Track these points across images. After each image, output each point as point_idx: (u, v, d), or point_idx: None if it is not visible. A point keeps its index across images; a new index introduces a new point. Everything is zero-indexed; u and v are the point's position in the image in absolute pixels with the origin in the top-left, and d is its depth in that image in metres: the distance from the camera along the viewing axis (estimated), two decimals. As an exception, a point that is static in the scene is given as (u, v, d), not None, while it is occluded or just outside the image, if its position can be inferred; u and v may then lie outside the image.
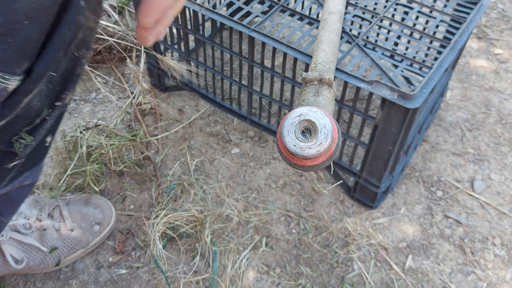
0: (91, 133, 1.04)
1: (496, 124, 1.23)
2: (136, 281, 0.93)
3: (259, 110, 1.09)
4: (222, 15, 0.93)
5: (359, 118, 1.20)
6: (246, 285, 0.93)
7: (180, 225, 0.97)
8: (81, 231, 0.93)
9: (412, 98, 0.77)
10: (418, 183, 1.10)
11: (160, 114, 1.22)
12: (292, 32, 0.91)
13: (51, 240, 0.91)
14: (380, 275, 0.95)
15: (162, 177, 1.08)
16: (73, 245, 0.93)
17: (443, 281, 0.95)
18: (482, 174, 1.12)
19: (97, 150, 1.03)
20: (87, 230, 0.94)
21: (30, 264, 0.89)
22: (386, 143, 0.87)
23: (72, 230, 0.93)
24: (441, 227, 1.02)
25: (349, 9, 0.98)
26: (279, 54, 1.35)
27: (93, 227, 0.95)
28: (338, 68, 0.81)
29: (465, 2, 0.98)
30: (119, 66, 1.34)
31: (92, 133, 1.04)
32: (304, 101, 0.48)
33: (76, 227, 0.94)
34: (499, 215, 1.05)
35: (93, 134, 1.03)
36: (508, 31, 1.50)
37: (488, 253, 0.99)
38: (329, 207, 1.05)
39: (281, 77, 0.95)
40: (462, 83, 1.33)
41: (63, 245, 0.92)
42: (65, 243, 0.92)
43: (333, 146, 0.41)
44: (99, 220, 0.96)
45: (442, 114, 1.24)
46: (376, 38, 1.02)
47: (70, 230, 0.93)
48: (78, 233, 0.93)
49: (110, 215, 0.98)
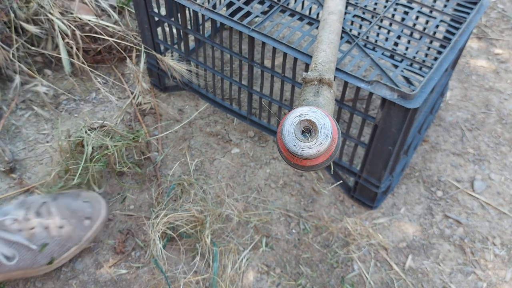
0: (96, 134, 1.03)
1: (496, 124, 1.23)
2: (136, 281, 0.93)
3: (259, 110, 1.09)
4: (222, 15, 0.93)
5: (359, 118, 1.20)
6: (246, 285, 0.93)
7: (180, 225, 0.97)
8: (71, 227, 0.92)
9: (412, 98, 0.77)
10: (418, 183, 1.10)
11: (160, 114, 1.22)
12: (292, 32, 0.91)
13: (40, 238, 0.89)
14: (380, 275, 0.95)
15: (162, 177, 1.08)
16: (64, 242, 0.91)
17: (443, 281, 0.95)
18: (482, 174, 1.12)
19: (102, 150, 1.03)
20: (77, 226, 0.92)
21: (21, 264, 0.87)
22: (386, 143, 0.87)
23: (61, 227, 0.91)
24: (441, 227, 1.02)
25: (349, 9, 0.98)
26: (279, 54, 1.35)
27: (83, 222, 0.93)
28: (338, 68, 0.81)
29: (465, 2, 0.98)
30: (119, 66, 1.34)
31: (98, 134, 1.03)
32: (304, 101, 0.48)
33: (66, 224, 0.92)
34: (499, 215, 1.05)
35: (98, 134, 1.03)
36: (508, 31, 1.50)
37: (488, 253, 0.99)
38: (329, 207, 1.05)
39: (281, 77, 0.95)
40: (462, 83, 1.33)
41: (54, 243, 0.90)
42: (55, 241, 0.90)
43: (333, 146, 0.41)
44: (88, 214, 0.94)
45: (442, 114, 1.24)
46: (376, 38, 1.02)
47: (60, 227, 0.91)
48: (68, 229, 0.91)
49: (99, 208, 0.96)
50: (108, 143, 1.02)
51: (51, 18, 1.22)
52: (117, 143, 1.03)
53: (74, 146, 1.03)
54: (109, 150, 1.02)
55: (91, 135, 1.02)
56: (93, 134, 1.03)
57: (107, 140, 1.03)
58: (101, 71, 1.32)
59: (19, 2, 1.21)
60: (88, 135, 1.03)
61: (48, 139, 1.16)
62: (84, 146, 1.01)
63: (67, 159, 1.02)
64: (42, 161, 1.11)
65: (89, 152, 1.01)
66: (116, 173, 1.07)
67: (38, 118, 1.21)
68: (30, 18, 1.24)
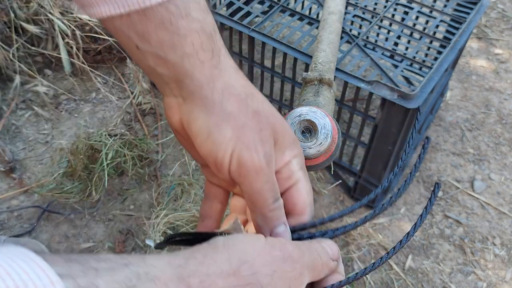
0: (116, 141, 1.03)
1: (496, 124, 1.23)
2: (136, 281, 0.93)
3: (259, 110, 1.09)
4: (222, 15, 0.93)
5: (359, 118, 1.20)
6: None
7: (180, 225, 0.97)
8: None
9: (412, 98, 0.77)
10: (418, 183, 1.10)
11: (160, 114, 1.22)
12: (292, 32, 0.91)
13: None
14: (380, 275, 0.95)
15: (162, 177, 1.08)
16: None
17: (443, 281, 0.95)
18: (482, 174, 1.12)
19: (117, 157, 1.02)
20: None
21: None
22: (386, 143, 0.87)
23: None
24: (441, 227, 1.02)
25: (349, 9, 0.98)
26: (279, 54, 1.35)
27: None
28: (338, 68, 0.81)
29: (465, 2, 0.98)
30: (119, 66, 1.34)
31: (116, 141, 1.03)
32: (304, 101, 0.48)
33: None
34: (499, 215, 1.05)
35: (117, 142, 1.03)
36: (508, 31, 1.50)
37: (488, 253, 0.99)
38: (329, 207, 1.05)
39: (281, 77, 0.95)
40: (462, 83, 1.33)
41: None
42: None
43: (333, 146, 0.41)
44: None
45: (442, 114, 1.24)
46: (376, 38, 1.02)
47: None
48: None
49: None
50: (125, 151, 1.02)
51: (51, 18, 1.22)
52: (133, 153, 1.03)
53: (86, 149, 1.02)
54: (125, 157, 1.02)
55: (110, 141, 1.01)
56: (112, 141, 1.02)
57: (125, 149, 1.02)
58: (101, 71, 1.32)
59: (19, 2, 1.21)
60: (108, 141, 1.01)
61: (48, 139, 1.16)
62: (102, 151, 1.00)
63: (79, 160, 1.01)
64: (42, 161, 1.11)
65: (108, 158, 1.00)
66: (117, 173, 1.07)
67: (38, 118, 1.21)
68: (30, 18, 1.24)
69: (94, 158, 1.02)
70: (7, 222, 1.00)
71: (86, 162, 1.01)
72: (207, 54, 0.32)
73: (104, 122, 1.20)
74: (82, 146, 1.01)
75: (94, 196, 1.01)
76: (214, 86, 0.32)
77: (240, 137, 0.32)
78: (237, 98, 0.33)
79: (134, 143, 1.06)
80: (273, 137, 0.33)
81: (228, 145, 0.32)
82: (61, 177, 1.03)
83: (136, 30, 0.31)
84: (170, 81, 0.33)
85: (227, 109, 0.32)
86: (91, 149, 1.02)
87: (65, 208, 1.03)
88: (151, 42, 0.31)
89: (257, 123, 0.33)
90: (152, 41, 0.31)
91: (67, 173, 1.03)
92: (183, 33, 0.31)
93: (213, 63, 0.32)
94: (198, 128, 0.32)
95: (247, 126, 0.32)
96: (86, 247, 0.97)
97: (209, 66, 0.32)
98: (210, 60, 0.32)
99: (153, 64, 0.32)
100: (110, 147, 1.01)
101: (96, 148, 1.02)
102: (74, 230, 1.00)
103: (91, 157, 1.02)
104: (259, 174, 0.32)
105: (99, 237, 0.99)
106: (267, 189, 0.32)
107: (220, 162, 0.32)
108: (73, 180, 1.03)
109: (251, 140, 0.32)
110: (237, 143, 0.32)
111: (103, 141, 1.01)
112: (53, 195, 1.02)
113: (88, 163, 1.02)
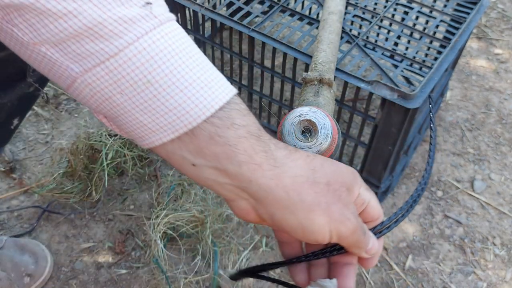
0: (116, 141, 1.02)
1: (496, 124, 1.23)
2: (136, 281, 0.93)
3: (259, 110, 1.09)
4: (222, 15, 0.93)
5: (359, 118, 1.20)
6: (246, 285, 0.93)
7: (180, 225, 0.97)
8: (8, 282, 0.86)
9: (412, 98, 0.77)
10: (418, 183, 1.10)
11: (160, 114, 1.22)
12: (292, 32, 0.91)
13: None
14: (380, 275, 0.95)
15: (162, 177, 1.08)
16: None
17: (443, 281, 0.95)
18: (482, 174, 1.12)
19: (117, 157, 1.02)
20: (15, 282, 0.87)
21: None
22: (386, 143, 0.87)
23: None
24: (441, 227, 1.02)
25: (349, 9, 0.98)
26: (279, 54, 1.35)
27: (22, 279, 0.87)
28: (338, 68, 0.81)
29: (465, 2, 0.98)
30: (119, 66, 1.34)
31: (116, 141, 1.03)
32: (304, 101, 0.48)
33: (4, 278, 0.85)
34: (499, 215, 1.05)
35: (117, 142, 1.03)
36: (508, 31, 1.50)
37: (488, 253, 0.99)
38: (329, 207, 1.05)
39: (281, 77, 0.95)
40: (462, 83, 1.33)
41: None
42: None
43: (333, 146, 0.41)
44: (30, 271, 0.88)
45: (442, 114, 1.24)
46: (376, 38, 1.02)
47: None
48: (4, 284, 0.85)
49: (44, 266, 0.90)
50: (125, 151, 1.02)
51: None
52: (133, 153, 1.03)
53: (86, 149, 1.02)
54: (125, 157, 1.02)
55: (110, 141, 1.01)
56: (112, 141, 1.02)
57: (125, 149, 1.02)
58: (101, 71, 1.32)
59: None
60: (108, 141, 1.01)
61: (48, 139, 1.16)
62: (102, 151, 1.00)
63: (79, 160, 1.01)
64: (42, 161, 1.11)
65: (108, 158, 0.99)
66: (117, 173, 1.07)
67: (38, 118, 1.21)
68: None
69: (94, 158, 1.02)
70: (7, 222, 1.00)
71: (86, 162, 1.01)
72: (261, 156, 0.33)
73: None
74: (82, 146, 1.00)
75: (94, 196, 1.01)
76: (284, 185, 0.33)
77: (331, 216, 0.34)
78: (308, 184, 0.34)
79: (134, 143, 1.06)
80: (346, 188, 0.36)
81: (325, 229, 0.34)
82: (61, 177, 1.03)
83: (189, 150, 0.32)
84: (233, 188, 0.34)
85: (306, 200, 0.34)
86: (91, 149, 1.02)
87: (65, 208, 1.03)
88: (206, 157, 0.32)
89: (333, 193, 0.35)
90: (206, 157, 0.32)
91: (67, 173, 1.03)
92: (233, 143, 0.32)
93: (270, 163, 0.33)
94: (290, 227, 0.35)
95: (330, 203, 0.34)
96: (86, 247, 0.97)
97: (268, 168, 0.33)
98: (266, 161, 0.33)
99: (213, 177, 0.33)
100: (110, 147, 1.01)
101: (96, 148, 1.02)
102: (74, 230, 1.00)
103: (91, 157, 1.02)
104: (355, 232, 0.36)
105: (99, 237, 0.99)
106: (360, 234, 0.36)
107: (321, 241, 0.35)
108: (73, 180, 1.03)
109: (339, 214, 0.35)
110: (331, 223, 0.34)
111: (103, 141, 1.01)
112: (53, 195, 1.02)
113: (88, 163, 1.01)
